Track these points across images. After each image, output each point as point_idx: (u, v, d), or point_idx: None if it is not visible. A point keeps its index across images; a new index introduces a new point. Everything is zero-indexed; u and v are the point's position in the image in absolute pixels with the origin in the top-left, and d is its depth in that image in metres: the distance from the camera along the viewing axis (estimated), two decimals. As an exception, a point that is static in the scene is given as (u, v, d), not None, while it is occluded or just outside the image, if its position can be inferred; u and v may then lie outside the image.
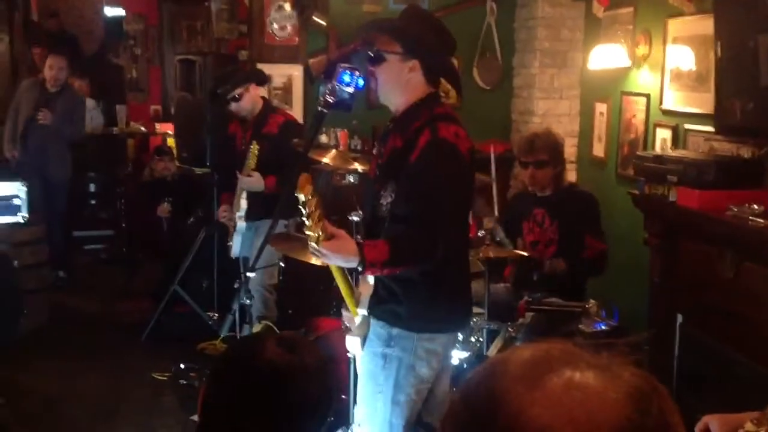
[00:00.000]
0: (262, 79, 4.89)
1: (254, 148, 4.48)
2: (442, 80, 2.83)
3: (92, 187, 8.33)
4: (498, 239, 4.01)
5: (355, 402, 2.98)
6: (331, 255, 2.50)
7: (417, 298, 2.67)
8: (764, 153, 3.72)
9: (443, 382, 2.88)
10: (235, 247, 4.72)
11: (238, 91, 4.62)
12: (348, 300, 2.82)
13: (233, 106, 4.68)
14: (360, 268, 2.52)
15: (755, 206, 3.26)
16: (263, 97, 4.84)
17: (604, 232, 4.27)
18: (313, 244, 2.49)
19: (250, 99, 4.68)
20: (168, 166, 6.65)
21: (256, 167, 4.51)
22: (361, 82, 2.77)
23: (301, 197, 2.40)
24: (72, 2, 10.48)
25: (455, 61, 2.88)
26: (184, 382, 4.74)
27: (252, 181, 4.56)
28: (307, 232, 2.48)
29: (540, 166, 4.19)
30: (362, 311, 2.78)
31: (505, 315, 3.81)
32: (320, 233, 2.45)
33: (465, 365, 3.64)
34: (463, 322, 2.94)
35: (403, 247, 2.57)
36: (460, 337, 3.67)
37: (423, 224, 2.55)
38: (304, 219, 2.44)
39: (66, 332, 5.67)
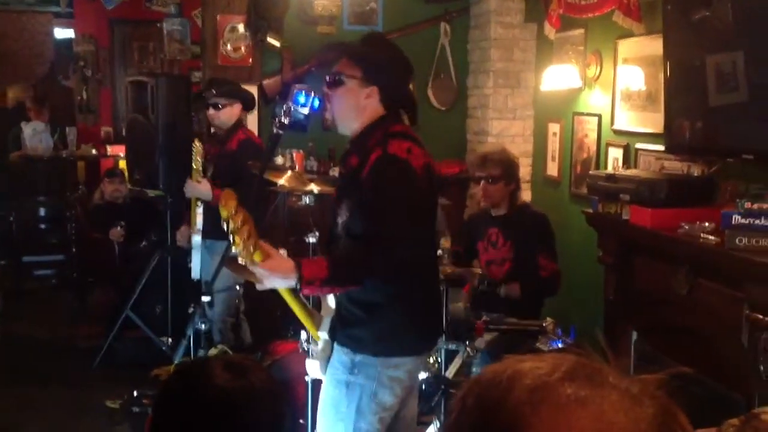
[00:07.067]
0: (250, 105, 4.98)
1: (197, 146, 4.47)
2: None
3: (42, 212, 8.16)
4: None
5: (313, 427, 2.94)
6: (268, 275, 2.41)
7: (382, 322, 2.61)
8: (714, 171, 3.79)
9: (410, 404, 2.83)
10: (195, 267, 4.67)
11: (223, 101, 4.68)
12: (306, 323, 2.77)
13: (211, 111, 4.73)
14: (298, 286, 2.44)
15: (706, 224, 3.31)
16: (239, 119, 4.86)
17: (556, 253, 4.30)
18: (245, 263, 2.38)
19: (228, 114, 4.73)
20: (119, 188, 6.54)
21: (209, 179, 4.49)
22: (316, 102, 2.76)
23: (224, 213, 2.31)
24: (22, 24, 10.32)
25: (411, 86, 2.85)
26: (138, 410, 4.64)
27: (199, 187, 4.51)
28: (235, 250, 2.37)
29: (492, 181, 4.22)
30: (323, 334, 2.74)
31: (464, 335, 3.81)
32: (252, 250, 2.34)
33: (424, 386, 3.62)
34: (430, 344, 2.89)
35: (343, 264, 2.52)
36: (431, 360, 3.66)
37: (368, 240, 2.51)
38: (230, 237, 2.34)
39: (16, 360, 5.53)
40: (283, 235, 5.17)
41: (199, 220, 4.59)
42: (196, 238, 4.62)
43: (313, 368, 2.77)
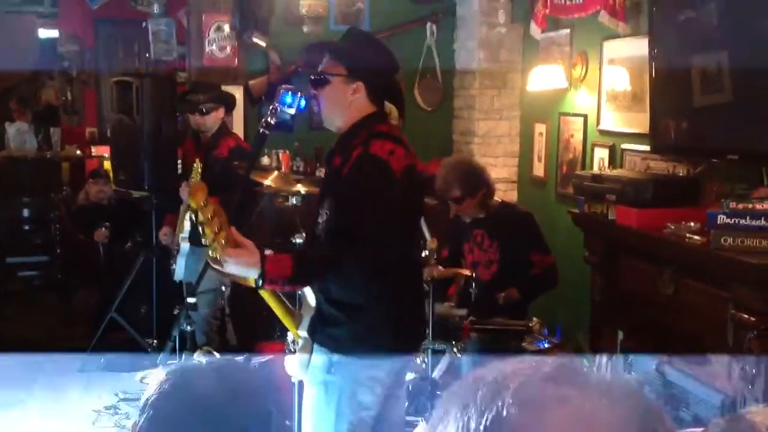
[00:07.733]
0: (231, 108, 4.97)
1: (197, 165, 4.44)
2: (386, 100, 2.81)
3: (25, 212, 8.09)
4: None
5: (300, 428, 2.93)
6: (230, 261, 2.38)
7: (360, 323, 2.60)
8: (699, 171, 3.81)
9: (396, 407, 2.81)
10: (179, 270, 4.63)
11: (209, 106, 4.67)
12: (285, 321, 2.76)
13: (197, 117, 4.72)
14: (260, 282, 2.42)
15: (692, 224, 3.33)
16: (224, 122, 4.85)
17: (548, 247, 4.32)
18: (211, 252, 2.37)
19: (214, 118, 4.73)
20: (103, 189, 6.50)
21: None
22: (302, 103, 2.76)
23: (192, 205, 2.30)
24: (6, 24, 10.24)
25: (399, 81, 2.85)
26: (123, 412, 4.61)
27: None
28: (204, 241, 2.37)
29: (458, 202, 4.24)
30: (303, 333, 2.73)
31: (450, 335, 3.81)
32: (223, 243, 2.33)
33: (410, 387, 3.61)
34: (412, 345, 2.86)
35: (308, 263, 2.52)
36: (419, 360, 3.65)
37: (338, 235, 2.50)
38: (199, 229, 2.34)
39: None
40: (270, 237, 5.15)
41: (186, 225, 4.57)
42: (184, 245, 4.61)
43: (292, 367, 2.76)
